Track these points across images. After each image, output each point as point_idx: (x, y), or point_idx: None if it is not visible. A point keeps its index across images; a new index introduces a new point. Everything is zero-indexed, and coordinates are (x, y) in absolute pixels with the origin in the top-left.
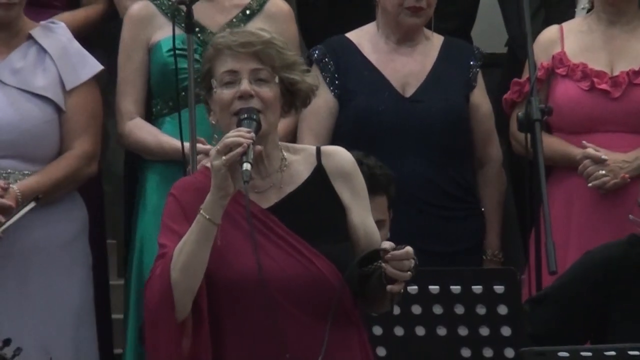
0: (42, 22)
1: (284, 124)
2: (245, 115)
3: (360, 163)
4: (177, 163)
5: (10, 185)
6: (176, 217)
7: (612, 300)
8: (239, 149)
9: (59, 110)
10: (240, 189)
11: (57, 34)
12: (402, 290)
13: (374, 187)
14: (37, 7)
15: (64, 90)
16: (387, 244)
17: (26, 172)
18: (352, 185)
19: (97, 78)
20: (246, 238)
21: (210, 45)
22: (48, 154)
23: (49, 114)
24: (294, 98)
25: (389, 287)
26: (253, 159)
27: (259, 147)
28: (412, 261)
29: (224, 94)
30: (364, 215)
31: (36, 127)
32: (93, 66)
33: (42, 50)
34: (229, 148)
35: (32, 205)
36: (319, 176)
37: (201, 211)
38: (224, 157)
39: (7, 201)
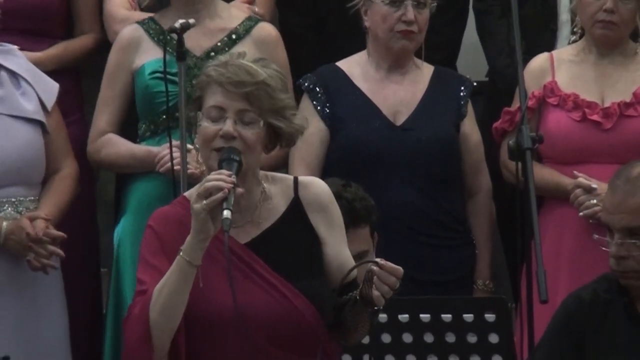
0: None
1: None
2: (226, 156)
3: (339, 197)
4: (161, 183)
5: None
6: (154, 251)
7: (585, 338)
8: (220, 195)
9: (44, 132)
10: (220, 232)
11: (16, 56)
12: (376, 316)
13: (355, 220)
14: (36, 36)
15: (46, 111)
16: (380, 259)
17: (30, 198)
18: (328, 217)
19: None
20: (224, 274)
21: (203, 73)
22: (40, 178)
23: (40, 136)
24: (278, 139)
25: (375, 293)
26: (234, 204)
27: (240, 190)
28: (398, 282)
29: (208, 128)
30: (338, 247)
31: (34, 152)
32: (54, 84)
33: (12, 73)
34: (209, 192)
35: None
36: (296, 209)
37: (181, 253)
38: (204, 202)
39: (59, 232)
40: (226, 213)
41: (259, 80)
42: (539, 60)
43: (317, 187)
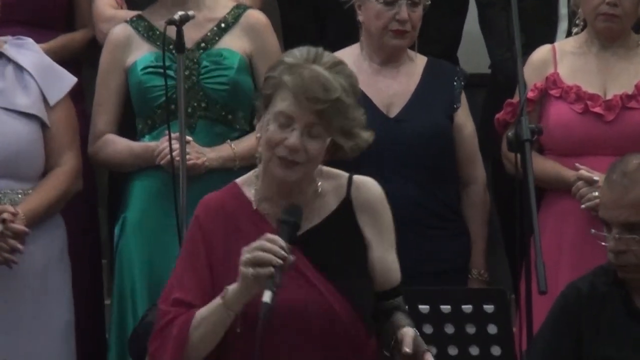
0: (8, 39)
1: None
2: (287, 217)
3: None
4: (161, 178)
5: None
6: (197, 254)
7: (583, 330)
8: (267, 270)
9: (43, 126)
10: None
11: (29, 49)
12: None
13: None
14: (38, 28)
15: (48, 106)
16: (411, 332)
17: (19, 191)
18: (377, 220)
19: (72, 94)
20: None
21: (277, 73)
22: (35, 172)
23: (36, 131)
24: (341, 149)
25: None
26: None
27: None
28: None
29: (275, 134)
30: (384, 251)
31: (26, 146)
32: (69, 79)
33: (18, 67)
34: (259, 262)
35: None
36: (346, 209)
37: (223, 297)
38: (251, 271)
39: (22, 227)
40: (267, 296)
41: (333, 98)
42: (542, 52)
43: (370, 189)
